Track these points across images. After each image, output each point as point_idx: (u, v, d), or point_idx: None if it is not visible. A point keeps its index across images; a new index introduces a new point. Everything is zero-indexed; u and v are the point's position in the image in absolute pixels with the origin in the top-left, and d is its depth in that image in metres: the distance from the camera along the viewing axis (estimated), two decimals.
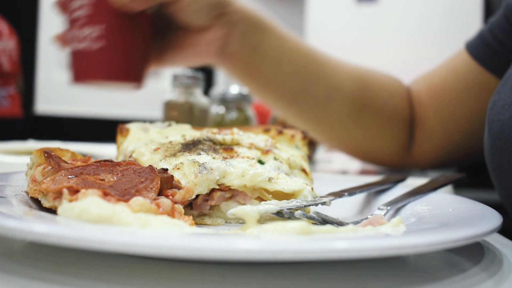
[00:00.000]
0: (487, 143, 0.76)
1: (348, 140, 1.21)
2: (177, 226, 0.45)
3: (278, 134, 0.77)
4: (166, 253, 0.36)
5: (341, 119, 1.17)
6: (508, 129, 0.70)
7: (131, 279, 0.40)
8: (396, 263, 0.46)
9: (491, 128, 0.74)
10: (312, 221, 0.53)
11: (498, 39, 1.00)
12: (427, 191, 0.68)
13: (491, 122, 0.75)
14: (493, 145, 0.73)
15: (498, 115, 0.73)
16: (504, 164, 0.71)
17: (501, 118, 0.72)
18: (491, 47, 1.02)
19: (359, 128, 1.19)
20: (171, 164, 0.62)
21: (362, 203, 0.72)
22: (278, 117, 1.43)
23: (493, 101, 0.77)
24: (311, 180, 0.71)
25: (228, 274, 0.41)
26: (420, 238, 0.40)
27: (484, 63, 1.05)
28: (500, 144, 0.71)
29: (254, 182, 0.60)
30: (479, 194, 1.32)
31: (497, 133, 0.72)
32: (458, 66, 1.12)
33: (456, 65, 1.13)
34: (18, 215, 0.47)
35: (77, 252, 0.44)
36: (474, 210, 0.55)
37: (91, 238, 0.36)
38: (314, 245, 0.37)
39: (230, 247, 0.36)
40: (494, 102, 0.77)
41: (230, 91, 1.45)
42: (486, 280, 0.42)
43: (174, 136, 0.73)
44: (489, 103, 0.79)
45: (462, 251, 0.50)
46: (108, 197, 0.48)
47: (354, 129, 1.19)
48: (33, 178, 0.58)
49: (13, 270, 0.40)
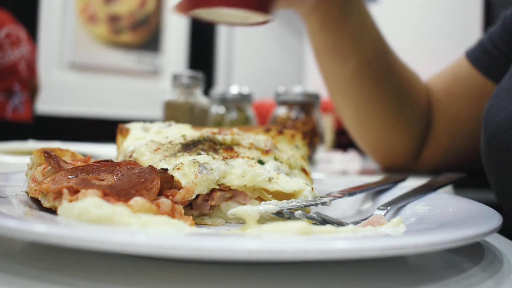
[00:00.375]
0: (483, 144, 0.79)
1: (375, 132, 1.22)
2: (177, 226, 0.45)
3: (278, 134, 0.77)
4: (166, 253, 0.36)
5: (388, 112, 1.18)
6: (503, 130, 0.72)
7: (131, 279, 0.40)
8: (396, 263, 0.46)
9: (487, 129, 0.77)
10: (312, 221, 0.53)
11: (497, 47, 1.06)
12: (427, 191, 0.68)
13: (487, 124, 0.78)
14: (489, 146, 0.76)
15: (494, 117, 0.76)
16: (499, 164, 0.74)
17: (496, 120, 0.75)
18: (490, 54, 1.08)
19: (392, 125, 1.20)
20: (171, 164, 0.62)
21: (362, 203, 0.72)
22: (279, 117, 1.43)
23: (489, 105, 0.80)
24: (311, 180, 0.71)
25: (228, 274, 0.41)
26: (420, 238, 0.40)
27: (482, 69, 1.10)
28: (495, 144, 0.74)
29: (254, 182, 0.60)
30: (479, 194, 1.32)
31: (492, 134, 0.75)
32: (458, 72, 1.17)
33: (456, 71, 1.18)
34: (18, 215, 0.47)
35: (77, 252, 0.44)
36: (474, 210, 0.55)
37: (91, 238, 0.36)
38: (314, 245, 0.37)
39: (230, 247, 0.36)
40: (490, 105, 0.80)
41: (230, 91, 1.45)
42: (486, 280, 0.42)
43: (174, 136, 0.73)
44: (486, 107, 0.82)
45: (462, 251, 0.50)
46: (108, 197, 0.48)
47: (391, 122, 1.20)
48: (33, 178, 0.58)
49: (13, 270, 0.40)
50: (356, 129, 1.26)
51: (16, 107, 3.45)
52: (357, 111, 1.21)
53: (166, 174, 0.56)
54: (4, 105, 3.36)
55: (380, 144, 1.23)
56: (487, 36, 1.10)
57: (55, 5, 5.09)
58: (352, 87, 1.17)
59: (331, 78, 1.20)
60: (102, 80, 5.33)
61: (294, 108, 1.41)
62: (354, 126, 1.26)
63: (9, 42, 3.40)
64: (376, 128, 1.21)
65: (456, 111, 1.17)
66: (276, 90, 1.46)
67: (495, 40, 1.07)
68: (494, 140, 0.74)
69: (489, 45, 1.08)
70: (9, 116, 3.39)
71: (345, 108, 1.23)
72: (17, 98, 3.45)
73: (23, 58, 3.54)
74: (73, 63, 5.19)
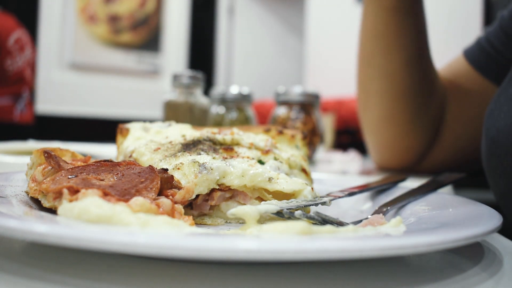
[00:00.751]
0: (484, 147, 0.80)
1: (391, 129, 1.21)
2: (177, 226, 0.45)
3: (278, 134, 0.77)
4: (166, 253, 0.36)
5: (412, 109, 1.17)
6: (503, 135, 0.74)
7: (131, 279, 0.40)
8: (396, 263, 0.46)
9: (488, 134, 0.79)
10: (312, 221, 0.53)
11: (494, 46, 1.07)
12: (427, 191, 0.68)
13: (488, 128, 0.79)
14: (489, 150, 0.77)
15: (495, 123, 0.77)
16: (498, 167, 0.75)
17: (497, 125, 0.76)
18: (487, 53, 1.09)
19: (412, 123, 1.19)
20: (171, 164, 0.62)
21: (362, 203, 0.72)
22: (279, 117, 1.43)
23: (490, 110, 0.82)
24: (311, 180, 0.71)
25: (228, 274, 0.41)
26: (420, 238, 0.40)
27: (480, 69, 1.11)
28: (494, 148, 0.75)
29: (254, 182, 0.60)
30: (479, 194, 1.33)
31: (493, 139, 0.76)
32: (456, 71, 1.17)
33: (453, 70, 1.19)
34: (18, 215, 0.47)
35: (77, 252, 0.44)
36: (474, 210, 0.55)
37: (91, 238, 0.36)
38: (314, 245, 0.37)
39: (230, 247, 0.36)
40: (491, 110, 0.81)
41: (230, 91, 1.45)
42: (486, 280, 0.42)
43: (174, 136, 0.73)
44: (486, 111, 0.83)
45: (462, 251, 0.50)
46: (108, 197, 0.48)
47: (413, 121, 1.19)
48: (33, 178, 0.58)
49: (13, 270, 0.40)
50: (376, 124, 1.22)
51: (22, 110, 3.46)
52: (387, 102, 1.18)
53: (166, 174, 0.56)
54: (11, 108, 3.38)
55: (396, 142, 1.21)
56: (485, 36, 1.11)
57: (55, 5, 5.09)
58: (395, 75, 1.15)
59: (378, 64, 1.17)
60: (102, 80, 5.33)
61: (294, 108, 1.41)
62: (375, 121, 1.22)
63: (18, 48, 3.41)
64: (397, 124, 1.18)
65: (460, 111, 1.17)
66: (276, 90, 1.47)
67: (492, 40, 1.07)
68: (494, 144, 0.76)
69: (486, 44, 1.09)
70: (16, 119, 3.40)
71: (373, 99, 1.19)
72: (23, 101, 3.47)
73: (28, 62, 3.56)
74: (73, 63, 5.19)
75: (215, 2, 5.79)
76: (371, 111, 1.22)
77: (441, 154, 1.21)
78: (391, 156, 1.24)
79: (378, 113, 1.20)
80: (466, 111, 1.16)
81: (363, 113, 1.25)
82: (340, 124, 3.24)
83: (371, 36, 1.16)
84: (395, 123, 1.19)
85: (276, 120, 1.43)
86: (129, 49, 5.46)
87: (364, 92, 1.23)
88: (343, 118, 3.31)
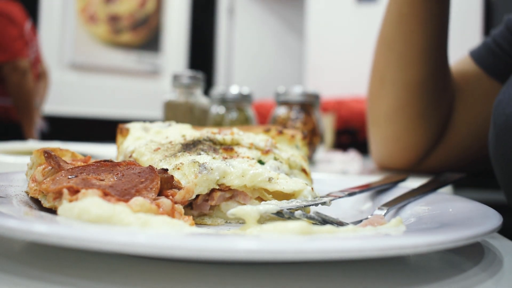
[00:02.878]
0: (492, 135, 0.81)
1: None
2: (177, 226, 0.45)
3: (278, 134, 0.77)
4: (166, 253, 0.36)
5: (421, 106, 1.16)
6: None
7: (131, 279, 0.40)
8: (396, 263, 0.46)
9: (496, 122, 0.79)
10: (312, 221, 0.53)
11: (501, 47, 1.08)
12: (427, 191, 0.68)
13: (497, 117, 0.80)
14: (497, 137, 0.78)
15: (504, 109, 0.78)
16: (507, 154, 0.76)
17: (506, 113, 0.77)
18: (494, 53, 1.10)
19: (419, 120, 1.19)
20: (171, 164, 0.62)
21: (362, 203, 0.72)
22: (279, 117, 1.43)
23: (498, 100, 0.82)
24: (311, 180, 0.71)
25: (228, 274, 0.41)
26: (420, 238, 0.40)
27: (487, 68, 1.12)
28: (502, 135, 0.76)
29: (254, 182, 0.60)
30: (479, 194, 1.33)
31: (502, 125, 0.77)
32: (463, 71, 1.17)
33: (460, 70, 1.18)
34: (18, 215, 0.47)
35: (77, 252, 0.44)
36: (474, 210, 0.55)
37: (91, 238, 0.36)
38: (314, 245, 0.37)
39: (230, 247, 0.36)
40: (499, 100, 0.81)
41: (230, 91, 1.45)
42: (486, 280, 0.42)
43: (174, 136, 0.73)
44: (495, 102, 0.83)
45: (462, 251, 0.50)
46: (108, 197, 0.48)
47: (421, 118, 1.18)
48: (33, 178, 0.58)
49: (13, 270, 0.40)
50: (387, 114, 1.20)
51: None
52: (401, 92, 1.16)
53: (166, 174, 0.56)
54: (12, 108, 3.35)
55: (404, 136, 1.19)
56: (491, 38, 1.12)
57: (55, 5, 5.09)
58: (413, 63, 1.14)
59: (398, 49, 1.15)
60: (102, 80, 5.33)
61: (294, 108, 1.41)
62: (387, 111, 1.20)
63: (33, 34, 3.41)
64: (408, 117, 1.17)
65: (465, 110, 1.17)
66: (276, 90, 1.47)
67: (499, 41, 1.08)
68: (502, 131, 0.76)
69: (493, 45, 1.10)
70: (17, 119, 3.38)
71: (387, 88, 1.18)
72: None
73: (37, 58, 3.55)
74: (73, 63, 5.20)
75: (215, 2, 5.79)
76: (383, 101, 1.20)
77: (444, 153, 1.20)
78: (395, 152, 1.22)
79: (391, 103, 1.18)
80: (472, 111, 1.16)
81: (375, 101, 1.23)
82: (340, 124, 3.24)
83: (394, 19, 1.15)
84: (406, 115, 1.17)
85: (276, 120, 1.43)
86: (129, 49, 5.47)
87: (379, 80, 1.21)
88: (343, 118, 3.31)
